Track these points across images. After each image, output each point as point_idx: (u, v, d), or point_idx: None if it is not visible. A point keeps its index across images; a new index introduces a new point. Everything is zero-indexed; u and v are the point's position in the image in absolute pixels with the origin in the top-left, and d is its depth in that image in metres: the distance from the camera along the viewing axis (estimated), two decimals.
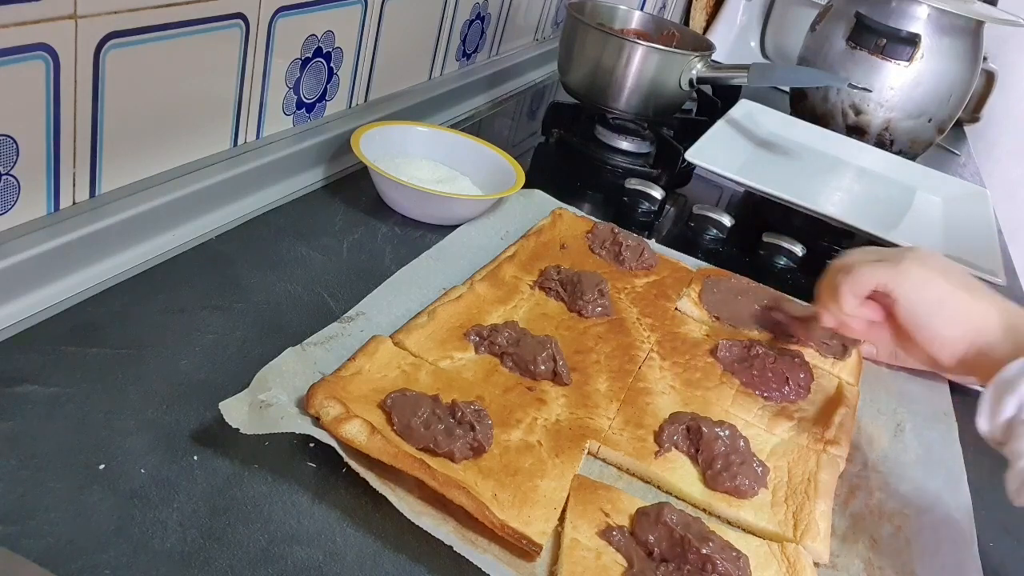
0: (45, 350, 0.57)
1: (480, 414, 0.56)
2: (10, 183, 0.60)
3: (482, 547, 0.51)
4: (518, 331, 0.68)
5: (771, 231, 1.01)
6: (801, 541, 0.57)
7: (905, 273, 0.63)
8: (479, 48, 1.23)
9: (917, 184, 1.23)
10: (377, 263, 0.77)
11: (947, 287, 0.62)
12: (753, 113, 1.28)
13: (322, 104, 0.91)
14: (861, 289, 0.66)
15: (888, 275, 0.64)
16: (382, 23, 0.94)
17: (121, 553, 0.45)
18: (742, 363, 0.73)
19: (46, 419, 0.52)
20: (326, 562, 0.48)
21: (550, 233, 0.87)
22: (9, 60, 0.56)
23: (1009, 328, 0.59)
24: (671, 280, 0.85)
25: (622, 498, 0.57)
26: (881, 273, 0.64)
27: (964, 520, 0.64)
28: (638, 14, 1.27)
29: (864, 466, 0.68)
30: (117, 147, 0.67)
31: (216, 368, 0.60)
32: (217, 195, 0.75)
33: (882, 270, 0.65)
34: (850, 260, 0.69)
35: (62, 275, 0.63)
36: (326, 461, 0.53)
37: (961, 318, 0.61)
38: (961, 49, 1.31)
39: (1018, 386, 0.53)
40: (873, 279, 0.65)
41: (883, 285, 0.64)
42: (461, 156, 0.93)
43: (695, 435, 0.62)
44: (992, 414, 0.54)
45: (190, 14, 0.68)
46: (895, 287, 0.63)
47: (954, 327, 0.61)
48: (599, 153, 1.16)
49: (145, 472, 0.50)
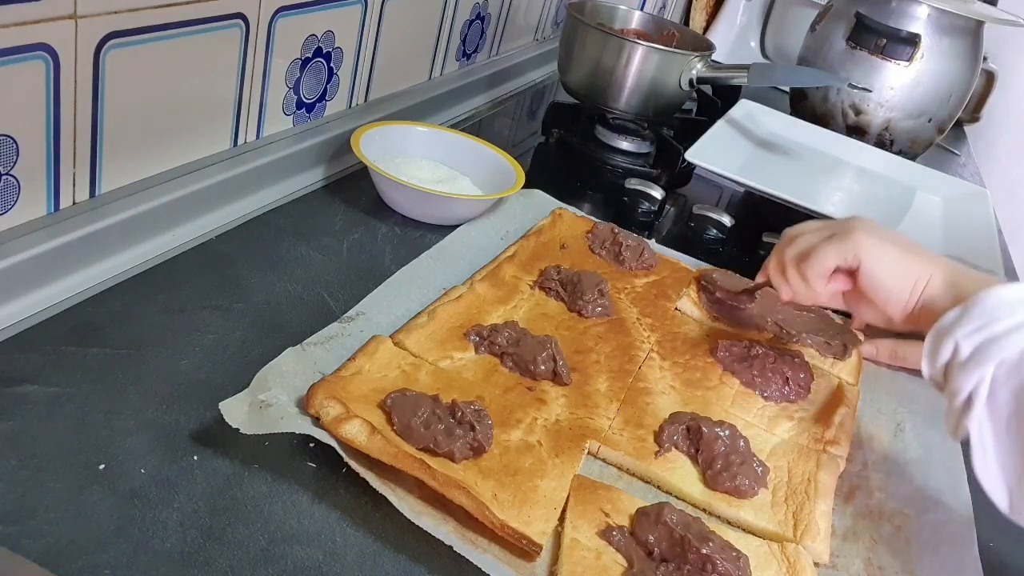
0: (45, 350, 0.57)
1: (480, 414, 0.56)
2: (10, 183, 0.60)
3: (482, 547, 0.51)
4: (518, 331, 0.68)
5: (771, 231, 1.01)
6: (801, 541, 0.57)
7: (862, 244, 0.68)
8: (479, 48, 1.23)
9: (917, 184, 1.23)
10: (377, 263, 0.77)
11: (897, 251, 0.68)
12: (753, 113, 1.28)
13: (322, 104, 0.91)
14: (825, 269, 0.70)
15: (848, 250, 0.68)
16: (382, 23, 0.94)
17: (121, 553, 0.45)
18: (742, 363, 0.73)
19: (46, 419, 0.52)
20: (326, 562, 0.48)
21: (550, 233, 0.87)
22: (9, 60, 0.56)
23: (951, 284, 0.65)
24: (671, 280, 0.85)
25: (622, 498, 0.57)
26: (840, 250, 0.69)
27: (964, 520, 0.64)
28: (638, 14, 1.27)
29: (864, 466, 0.68)
30: (117, 147, 0.67)
31: (216, 368, 0.60)
32: (217, 195, 0.75)
33: (838, 246, 0.69)
34: (801, 242, 0.72)
35: (62, 275, 0.63)
36: (326, 461, 0.53)
37: (911, 278, 0.66)
38: (961, 49, 1.31)
39: (953, 332, 0.58)
40: (833, 257, 0.69)
41: (844, 260, 0.69)
42: (461, 156, 0.93)
43: (695, 435, 0.62)
44: (932, 359, 0.59)
45: (190, 14, 0.68)
46: (856, 257, 0.68)
47: (905, 286, 0.67)
48: (599, 153, 1.16)
49: (145, 472, 0.50)
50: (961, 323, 0.58)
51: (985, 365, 0.55)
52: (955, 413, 0.57)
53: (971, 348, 0.56)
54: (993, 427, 0.55)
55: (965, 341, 0.57)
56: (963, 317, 0.58)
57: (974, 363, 0.56)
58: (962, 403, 0.56)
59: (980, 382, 0.55)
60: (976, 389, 0.55)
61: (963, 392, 0.56)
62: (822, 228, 0.73)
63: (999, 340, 0.55)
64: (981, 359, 0.56)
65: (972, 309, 0.58)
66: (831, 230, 0.71)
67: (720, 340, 0.75)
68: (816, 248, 0.70)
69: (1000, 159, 2.08)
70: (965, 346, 0.57)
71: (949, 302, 0.62)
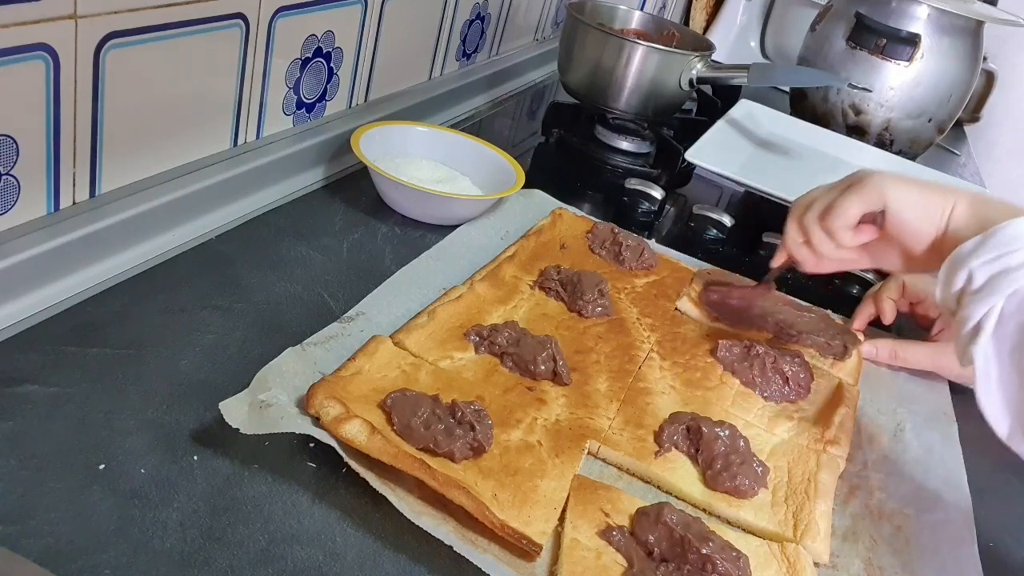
0: (45, 350, 0.57)
1: (480, 414, 0.56)
2: (10, 183, 0.60)
3: (482, 547, 0.51)
4: (518, 331, 0.68)
5: (771, 231, 1.01)
6: (801, 541, 0.57)
7: (885, 186, 0.67)
8: (479, 48, 1.23)
9: None
10: (377, 263, 0.77)
11: (918, 186, 0.67)
12: (753, 113, 1.28)
13: (322, 104, 0.91)
14: (851, 219, 0.69)
15: (871, 194, 0.67)
16: (382, 23, 0.94)
17: (121, 553, 0.45)
18: (742, 363, 0.73)
19: (46, 419, 0.52)
20: (326, 562, 0.48)
21: (550, 233, 0.87)
22: (9, 60, 0.56)
23: (975, 213, 0.63)
24: (671, 280, 0.85)
25: (622, 498, 0.57)
26: (862, 196, 0.67)
27: (964, 520, 0.64)
28: (638, 14, 1.27)
29: (864, 466, 0.68)
30: (117, 147, 0.67)
31: (216, 368, 0.60)
32: (217, 195, 0.75)
33: (859, 194, 0.67)
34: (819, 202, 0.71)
35: (62, 275, 0.63)
36: (326, 461, 0.53)
37: (937, 209, 0.65)
38: (961, 49, 1.31)
39: (968, 261, 0.58)
40: (856, 205, 0.68)
41: (869, 205, 0.67)
42: (461, 156, 0.93)
43: (695, 435, 0.62)
44: (946, 285, 0.60)
45: (190, 14, 0.68)
46: (882, 199, 0.67)
47: (932, 218, 0.65)
48: (599, 153, 1.16)
49: (145, 472, 0.50)
50: (978, 252, 0.58)
51: (996, 295, 0.56)
52: (963, 340, 0.57)
53: (984, 278, 0.57)
54: (998, 356, 0.55)
55: (979, 270, 0.57)
56: (980, 247, 0.58)
57: (986, 292, 0.56)
58: (970, 331, 0.57)
59: (990, 311, 0.56)
60: (985, 318, 0.56)
61: (972, 320, 0.56)
62: (835, 185, 0.71)
63: (1013, 272, 0.56)
64: (993, 289, 0.56)
65: (989, 239, 0.58)
66: (846, 183, 0.70)
67: (720, 340, 0.75)
68: (837, 201, 0.69)
69: (1000, 159, 2.08)
70: (979, 275, 0.57)
71: (973, 231, 0.61)
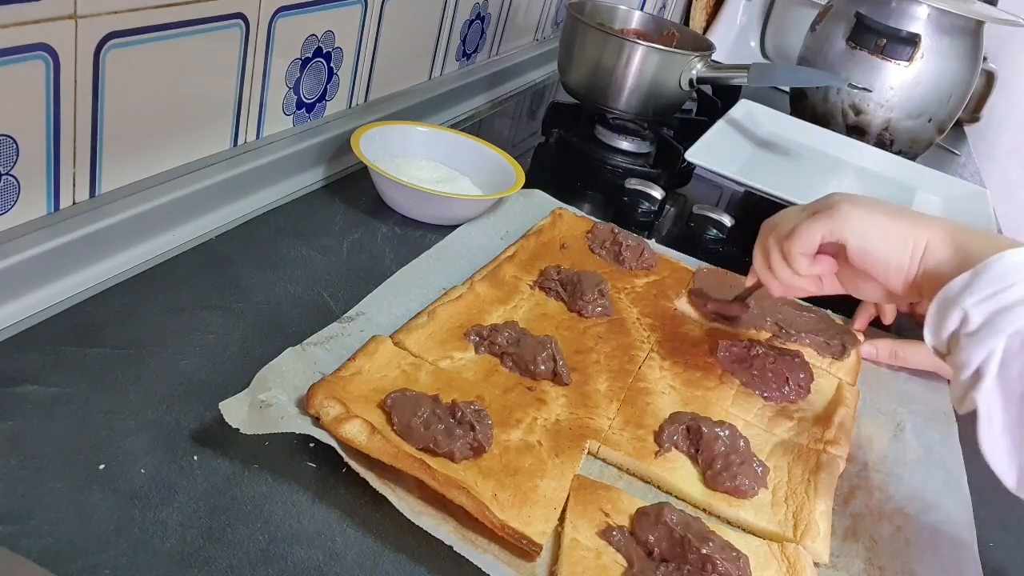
0: (45, 350, 0.57)
1: (480, 414, 0.56)
2: (10, 183, 0.60)
3: (482, 547, 0.51)
4: (518, 331, 0.68)
5: None
6: (801, 541, 0.57)
7: (847, 215, 0.64)
8: (479, 48, 1.23)
9: (917, 184, 1.23)
10: (377, 263, 0.77)
11: (887, 217, 0.63)
12: (753, 113, 1.28)
13: (322, 104, 0.91)
14: (809, 246, 0.66)
15: (831, 224, 0.64)
16: (382, 23, 0.94)
17: (121, 553, 0.45)
18: (742, 363, 0.73)
19: (46, 419, 0.52)
20: (326, 562, 0.48)
21: (550, 233, 0.87)
22: (9, 60, 0.56)
23: (955, 246, 0.60)
24: (671, 280, 0.85)
25: (622, 498, 0.57)
26: (823, 224, 0.64)
27: (964, 520, 0.64)
28: (638, 14, 1.27)
29: (864, 466, 0.68)
30: (117, 147, 0.67)
31: (216, 368, 0.60)
32: (217, 195, 0.75)
33: (822, 222, 0.64)
34: (782, 225, 0.68)
35: (62, 275, 0.63)
36: (326, 461, 0.53)
37: (907, 243, 0.62)
38: (961, 49, 1.31)
39: (961, 300, 0.54)
40: (818, 233, 0.65)
41: (830, 234, 0.64)
42: (461, 156, 0.93)
43: (695, 435, 0.62)
44: (937, 328, 0.56)
45: (190, 14, 0.68)
46: (842, 231, 0.64)
47: (902, 252, 0.62)
48: (599, 153, 1.16)
49: (145, 472, 0.50)
50: (970, 290, 0.54)
51: (996, 336, 0.52)
52: (962, 386, 0.54)
53: (981, 318, 0.53)
54: (1004, 401, 0.52)
55: (975, 310, 0.53)
56: (972, 284, 0.54)
57: (985, 333, 0.52)
58: (970, 376, 0.53)
59: (991, 354, 0.52)
60: (986, 361, 0.52)
61: (972, 364, 0.53)
62: (803, 209, 0.69)
63: (1012, 309, 0.52)
64: (992, 329, 0.52)
65: (981, 275, 0.54)
66: (812, 208, 0.67)
67: (720, 340, 0.75)
68: (799, 227, 0.66)
69: (1000, 159, 2.08)
70: (975, 315, 0.53)
71: (954, 266, 0.58)
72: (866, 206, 0.64)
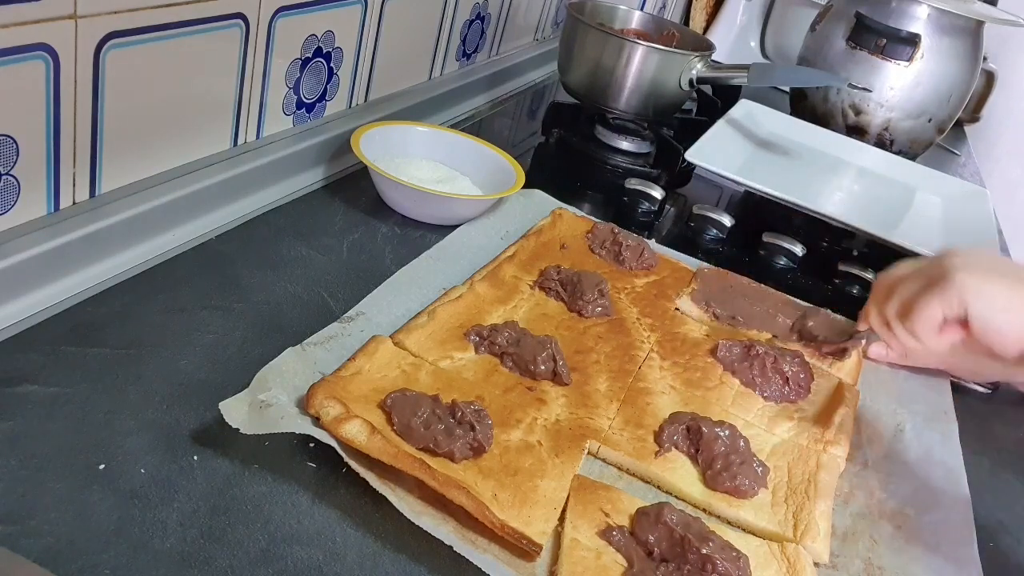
0: (45, 350, 0.57)
1: (480, 414, 0.56)
2: (10, 183, 0.60)
3: (482, 547, 0.51)
4: (518, 331, 0.68)
5: (771, 231, 1.01)
6: (801, 541, 0.57)
7: (965, 287, 0.62)
8: (479, 48, 1.23)
9: (917, 184, 1.23)
10: (377, 263, 0.77)
11: (1006, 285, 0.61)
12: (753, 113, 1.28)
13: (322, 104, 0.91)
14: (934, 324, 0.64)
15: (952, 299, 0.62)
16: (382, 23, 0.94)
17: (121, 553, 0.45)
18: (742, 363, 0.73)
19: (46, 419, 0.52)
20: (326, 562, 0.48)
21: (550, 233, 0.87)
22: (9, 60, 0.56)
23: None
24: (671, 280, 0.85)
25: (622, 498, 0.57)
26: (944, 300, 0.63)
27: (964, 520, 0.64)
28: (638, 14, 1.27)
29: (864, 466, 0.68)
30: (117, 147, 0.67)
31: (216, 368, 0.60)
32: (217, 195, 0.75)
33: (940, 296, 0.63)
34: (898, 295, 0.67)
35: (62, 275, 0.63)
36: (326, 461, 0.53)
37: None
38: (961, 49, 1.31)
39: None
40: (940, 310, 0.63)
41: (950, 309, 0.63)
42: (461, 156, 0.93)
43: (695, 435, 0.62)
44: None
45: (190, 14, 0.68)
46: (961, 307, 0.62)
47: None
48: (599, 153, 1.16)
49: (145, 472, 0.50)
50: None
51: None
52: None
53: None
54: None
55: None
56: None
57: None
58: None
59: None
60: None
61: None
62: (917, 274, 0.66)
63: None
64: None
65: None
66: (927, 275, 0.65)
67: (720, 340, 0.75)
68: (917, 301, 0.64)
69: (1000, 159, 2.08)
70: None
71: None
72: (984, 271, 0.62)
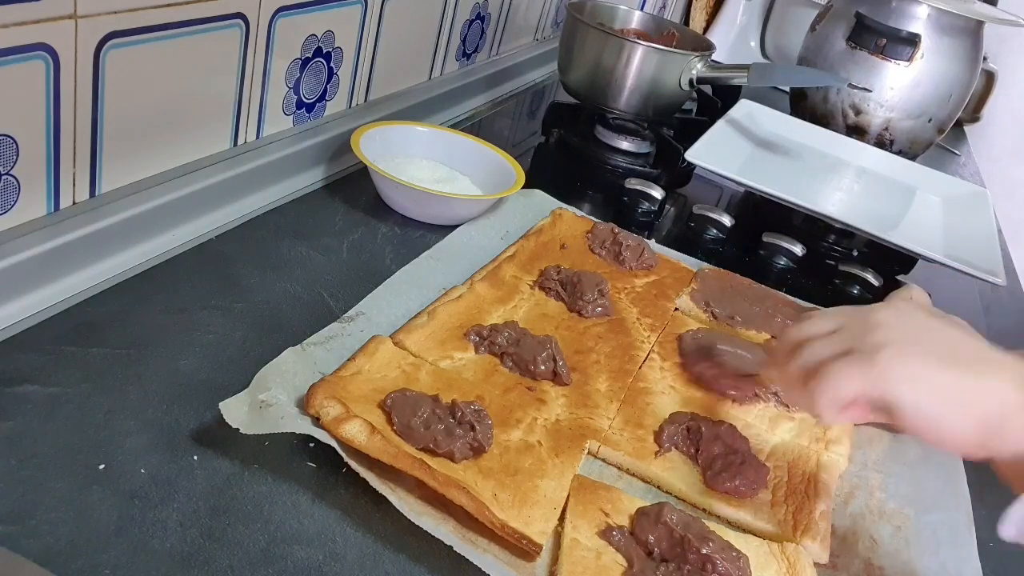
0: (45, 350, 0.57)
1: (480, 414, 0.56)
2: (10, 183, 0.60)
3: (482, 547, 0.51)
4: (518, 331, 0.68)
5: (771, 231, 1.01)
6: (801, 541, 0.57)
7: (890, 374, 0.50)
8: (479, 48, 1.23)
9: (917, 184, 1.23)
10: (377, 263, 0.77)
11: (945, 375, 0.50)
12: (753, 113, 1.28)
13: (322, 104, 0.91)
14: (840, 400, 0.52)
15: (869, 380, 0.51)
16: (382, 23, 0.94)
17: (121, 553, 0.45)
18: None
19: (46, 419, 0.52)
20: (326, 562, 0.48)
21: (550, 233, 0.87)
22: (9, 60, 0.56)
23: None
24: (671, 280, 0.85)
25: (622, 498, 0.57)
26: (860, 378, 0.51)
27: (964, 520, 0.64)
28: (638, 14, 1.27)
29: (864, 466, 0.68)
30: (117, 147, 0.67)
31: (216, 368, 0.60)
32: (217, 195, 0.75)
33: (859, 373, 0.51)
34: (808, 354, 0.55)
35: (62, 275, 0.63)
36: (326, 461, 0.53)
37: (972, 407, 0.49)
38: (961, 49, 1.31)
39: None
40: (851, 387, 0.52)
41: (867, 394, 0.51)
42: (461, 156, 0.93)
43: (695, 435, 0.62)
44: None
45: (190, 14, 0.68)
46: (884, 395, 0.51)
47: (965, 420, 0.49)
48: (599, 153, 1.16)
49: (145, 472, 0.50)
50: None
51: None
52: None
53: None
54: None
55: None
56: None
57: None
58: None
59: None
60: None
61: None
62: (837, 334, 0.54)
63: None
64: None
65: None
66: (847, 340, 0.53)
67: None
68: (828, 372, 0.52)
69: (1000, 159, 2.08)
70: None
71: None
72: (919, 355, 0.51)
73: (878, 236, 0.97)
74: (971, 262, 0.94)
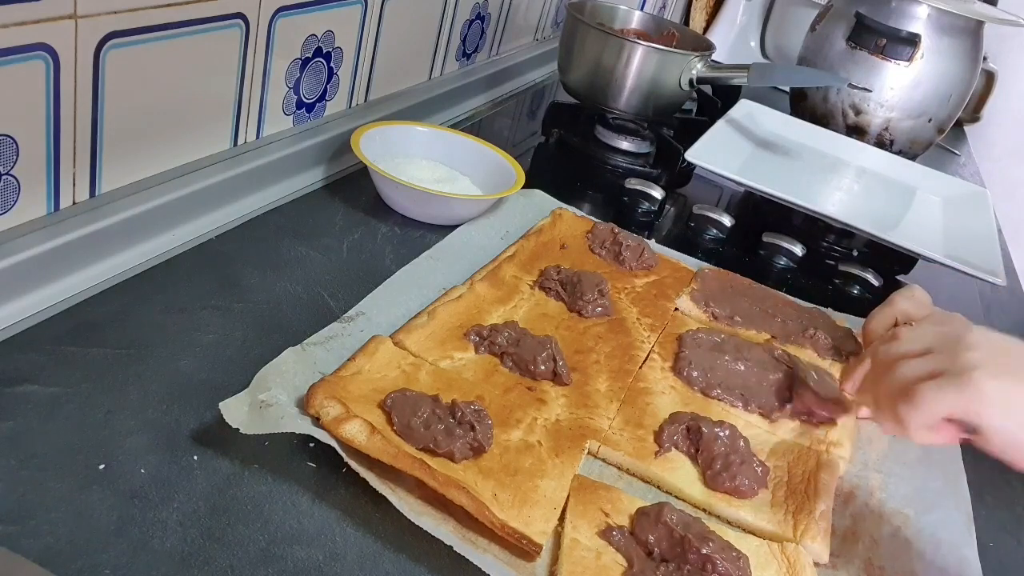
0: (45, 350, 0.57)
1: (480, 414, 0.56)
2: (10, 183, 0.60)
3: (482, 547, 0.51)
4: (518, 331, 0.68)
5: (771, 231, 1.01)
6: (801, 541, 0.57)
7: (982, 395, 0.50)
8: (479, 48, 1.23)
9: (917, 184, 1.23)
10: (377, 263, 0.77)
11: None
12: (753, 113, 1.28)
13: (322, 104, 0.91)
14: (930, 421, 0.53)
15: (962, 401, 0.51)
16: (382, 23, 0.94)
17: (121, 553, 0.45)
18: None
19: (46, 419, 0.52)
20: (326, 562, 0.48)
21: (550, 233, 0.87)
22: (9, 60, 0.56)
23: None
24: (671, 280, 0.85)
25: (622, 498, 0.57)
26: (952, 400, 0.52)
27: (964, 520, 0.64)
28: (638, 14, 1.27)
29: (864, 466, 0.68)
30: (117, 147, 0.67)
31: (216, 368, 0.60)
32: (217, 195, 0.75)
33: (952, 394, 0.52)
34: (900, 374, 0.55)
35: (62, 275, 0.63)
36: (326, 461, 0.53)
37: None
38: (961, 49, 1.31)
39: None
40: (943, 408, 0.52)
41: (962, 413, 0.52)
42: (461, 156, 0.93)
43: (695, 435, 0.62)
44: None
45: (190, 14, 0.68)
46: (977, 417, 0.51)
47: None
48: (599, 153, 1.16)
49: (145, 472, 0.50)
50: None
51: None
52: None
53: None
54: None
55: None
56: None
57: None
58: None
59: None
60: None
61: None
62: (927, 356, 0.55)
63: None
64: None
65: None
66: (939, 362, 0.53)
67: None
68: (920, 393, 0.53)
69: (1000, 159, 2.08)
70: None
71: None
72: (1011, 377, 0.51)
73: (878, 236, 0.97)
74: (971, 262, 0.94)
